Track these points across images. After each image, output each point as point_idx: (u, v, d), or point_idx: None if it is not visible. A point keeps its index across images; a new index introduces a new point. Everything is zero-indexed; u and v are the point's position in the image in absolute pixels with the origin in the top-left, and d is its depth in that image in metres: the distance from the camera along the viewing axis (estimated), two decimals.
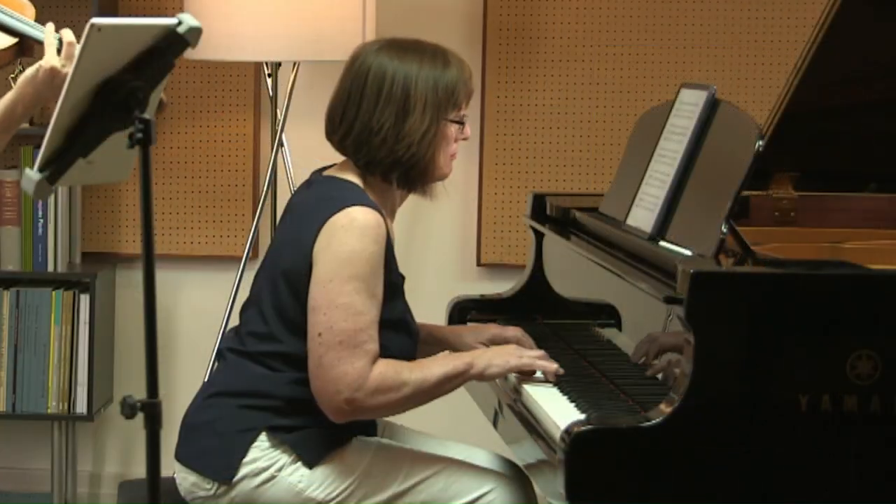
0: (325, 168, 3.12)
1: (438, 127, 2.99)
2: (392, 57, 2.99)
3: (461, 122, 3.04)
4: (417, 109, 2.97)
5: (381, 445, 3.04)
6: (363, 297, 2.88)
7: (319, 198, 2.99)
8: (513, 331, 3.24)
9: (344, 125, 3.02)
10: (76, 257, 4.60)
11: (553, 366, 3.01)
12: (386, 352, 2.92)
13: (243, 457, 2.95)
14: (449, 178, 3.11)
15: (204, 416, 3.02)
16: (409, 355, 3.03)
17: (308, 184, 3.11)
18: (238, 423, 2.97)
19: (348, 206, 2.91)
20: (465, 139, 3.07)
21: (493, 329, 3.28)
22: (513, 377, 3.10)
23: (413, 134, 2.97)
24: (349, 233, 2.89)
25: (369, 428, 3.09)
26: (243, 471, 2.95)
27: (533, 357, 3.01)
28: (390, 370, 2.89)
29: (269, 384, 2.97)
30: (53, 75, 2.76)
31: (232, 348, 3.05)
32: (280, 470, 2.95)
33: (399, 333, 3.00)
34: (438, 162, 3.02)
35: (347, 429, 3.00)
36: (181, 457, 3.02)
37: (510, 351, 3.03)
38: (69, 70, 2.40)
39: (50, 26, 2.82)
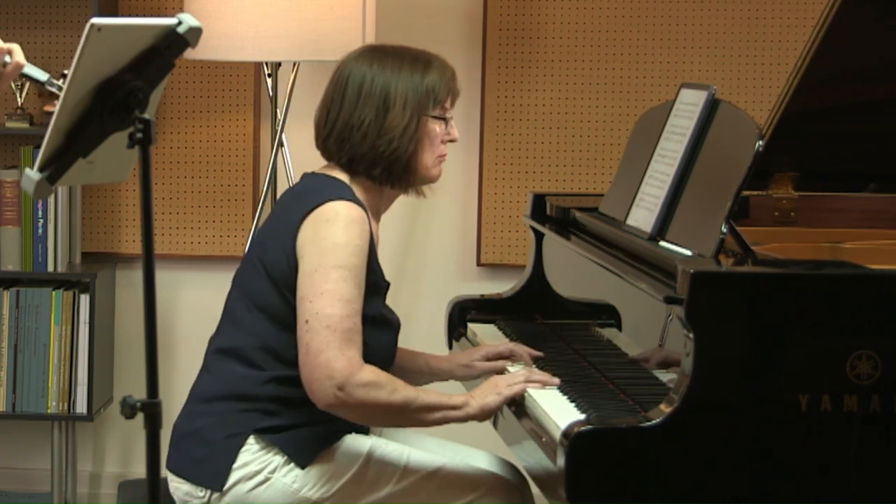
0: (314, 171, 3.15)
1: (419, 123, 3.01)
2: (372, 62, 3.03)
3: (444, 119, 3.05)
4: (398, 106, 3.00)
5: (376, 444, 3.03)
6: (350, 286, 2.88)
7: (304, 190, 3.03)
8: (504, 347, 3.28)
9: (327, 126, 3.05)
10: (76, 257, 4.59)
11: (549, 379, 3.02)
12: (366, 347, 2.91)
13: (233, 462, 2.94)
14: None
15: (191, 425, 3.01)
16: (390, 348, 3.06)
17: (297, 184, 3.13)
18: (225, 429, 2.96)
19: (332, 201, 2.93)
20: (452, 141, 3.08)
21: (485, 349, 3.31)
22: None
23: (394, 129, 2.99)
24: (334, 225, 2.91)
25: (361, 426, 3.09)
26: (235, 476, 2.94)
27: (522, 382, 3.00)
28: (384, 374, 2.90)
29: (251, 385, 2.96)
30: None
31: (214, 349, 3.06)
32: (273, 472, 2.95)
33: (378, 329, 3.00)
34: (423, 161, 3.03)
35: (338, 427, 2.99)
36: (172, 466, 3.01)
37: (498, 382, 3.01)
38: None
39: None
